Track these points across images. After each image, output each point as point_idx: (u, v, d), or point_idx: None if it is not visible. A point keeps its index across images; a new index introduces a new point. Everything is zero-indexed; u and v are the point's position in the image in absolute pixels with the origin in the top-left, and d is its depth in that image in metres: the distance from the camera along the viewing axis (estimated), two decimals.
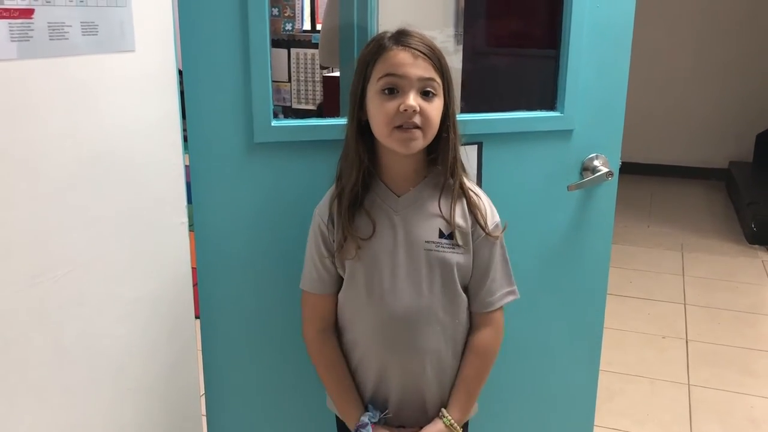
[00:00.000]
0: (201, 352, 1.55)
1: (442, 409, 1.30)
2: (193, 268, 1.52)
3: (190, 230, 1.49)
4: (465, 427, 1.41)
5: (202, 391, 1.59)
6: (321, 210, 1.31)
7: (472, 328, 1.33)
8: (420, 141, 1.20)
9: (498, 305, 1.32)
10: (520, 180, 1.58)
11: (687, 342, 3.07)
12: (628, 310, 3.37)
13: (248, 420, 1.61)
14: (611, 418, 2.47)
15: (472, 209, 1.27)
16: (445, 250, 1.25)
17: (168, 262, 1.46)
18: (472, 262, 1.29)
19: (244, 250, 1.49)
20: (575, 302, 1.71)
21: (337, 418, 1.42)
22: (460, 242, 1.26)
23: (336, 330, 1.35)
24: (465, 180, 1.28)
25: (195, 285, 1.52)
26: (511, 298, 1.33)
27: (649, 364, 2.88)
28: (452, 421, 1.29)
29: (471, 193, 1.28)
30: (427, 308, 1.26)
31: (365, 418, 1.28)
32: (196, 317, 1.53)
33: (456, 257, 1.26)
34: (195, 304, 1.53)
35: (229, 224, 1.47)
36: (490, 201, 1.33)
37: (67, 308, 1.25)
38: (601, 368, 1.81)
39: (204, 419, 1.62)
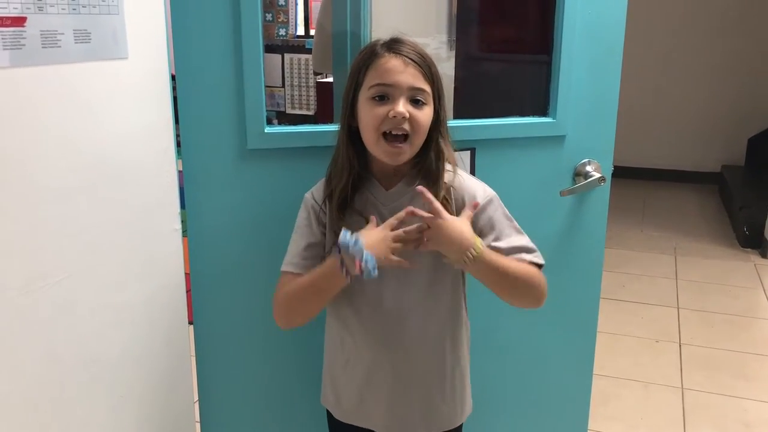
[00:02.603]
0: (195, 357, 1.55)
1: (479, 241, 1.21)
2: (186, 274, 1.51)
3: (183, 236, 1.49)
4: (459, 429, 1.42)
5: (196, 398, 1.58)
6: (316, 194, 1.32)
7: None
8: (407, 153, 1.22)
9: (526, 259, 1.28)
10: (513, 186, 1.58)
11: (680, 346, 3.08)
12: (622, 314, 3.37)
13: (242, 426, 1.60)
14: (605, 422, 2.47)
15: (449, 207, 1.25)
16: None
17: (161, 268, 1.46)
18: None
19: (238, 256, 1.49)
20: (569, 307, 1.71)
21: (329, 419, 1.42)
22: None
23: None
24: (451, 177, 1.28)
25: (188, 291, 1.52)
26: (539, 259, 1.30)
27: (643, 368, 2.89)
28: (481, 246, 1.20)
29: (448, 200, 1.27)
30: (419, 299, 1.27)
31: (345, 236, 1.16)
32: (190, 323, 1.53)
33: None
34: (188, 310, 1.53)
35: (222, 230, 1.47)
36: (473, 185, 1.31)
37: (60, 315, 1.25)
38: (594, 372, 1.82)
39: (198, 426, 1.62)
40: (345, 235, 1.15)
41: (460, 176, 1.30)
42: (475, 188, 1.30)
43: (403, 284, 1.27)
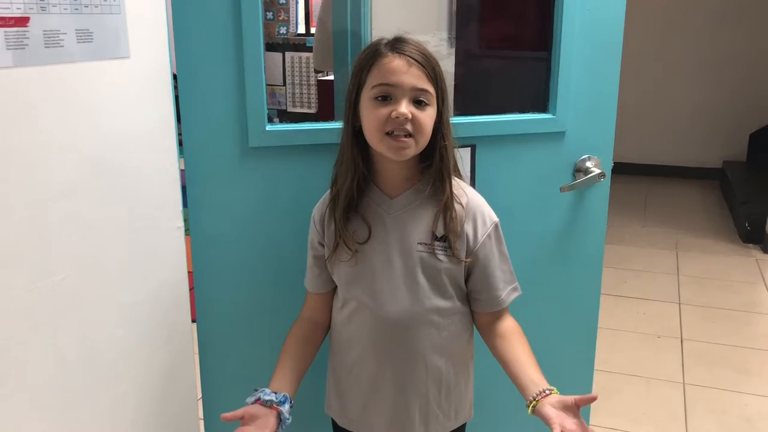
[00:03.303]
0: (198, 355, 1.56)
1: (538, 391, 1.17)
2: (189, 272, 1.52)
3: (186, 234, 1.50)
4: (462, 429, 1.42)
5: (200, 395, 1.59)
6: (316, 210, 1.34)
7: (489, 324, 1.32)
8: (412, 149, 1.20)
9: (507, 302, 1.32)
10: (514, 182, 1.59)
11: (682, 341, 3.09)
12: (624, 310, 3.38)
13: None
14: (607, 417, 2.48)
15: (452, 224, 1.24)
16: (438, 252, 1.26)
17: (164, 266, 1.47)
18: (465, 264, 1.28)
19: (240, 253, 1.50)
20: (569, 303, 1.72)
21: (333, 424, 1.43)
22: (453, 244, 1.26)
23: (321, 327, 1.39)
24: (455, 189, 1.27)
25: (191, 289, 1.53)
26: (515, 294, 1.33)
27: (645, 363, 2.89)
28: (553, 388, 1.19)
29: (455, 206, 1.26)
30: (420, 310, 1.27)
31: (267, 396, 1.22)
32: (193, 321, 1.54)
33: (448, 259, 1.26)
34: (191, 308, 1.54)
35: (224, 228, 1.48)
36: (483, 203, 1.32)
37: (63, 313, 1.26)
38: (596, 368, 1.83)
39: (201, 423, 1.63)
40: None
41: (468, 193, 1.30)
42: (484, 210, 1.30)
43: (410, 296, 1.26)
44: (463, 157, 1.51)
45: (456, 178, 1.30)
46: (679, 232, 4.53)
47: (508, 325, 1.32)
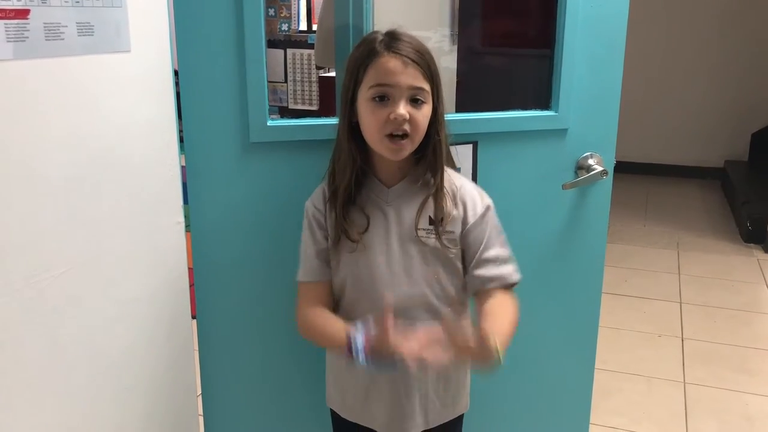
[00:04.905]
0: (198, 351, 1.55)
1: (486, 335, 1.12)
2: (189, 268, 1.52)
3: (186, 230, 1.49)
4: (458, 424, 1.42)
5: (199, 391, 1.59)
6: (314, 200, 1.33)
7: (481, 304, 1.29)
8: (407, 149, 1.23)
9: (496, 281, 1.29)
10: (515, 179, 1.59)
11: (683, 340, 3.08)
12: (624, 309, 3.38)
13: (245, 419, 1.61)
14: (608, 416, 2.48)
15: (443, 211, 1.26)
16: (432, 238, 1.27)
17: (164, 262, 1.46)
18: (461, 248, 1.30)
19: (241, 249, 1.49)
20: (570, 301, 1.72)
21: (333, 416, 1.43)
22: (450, 229, 1.28)
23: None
24: (446, 179, 1.29)
25: (191, 285, 1.52)
26: (515, 276, 1.30)
27: (646, 362, 2.89)
28: (497, 345, 1.14)
29: (446, 196, 1.28)
30: (419, 296, 1.28)
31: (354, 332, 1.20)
32: (193, 317, 1.54)
33: (443, 244, 1.27)
34: (191, 304, 1.54)
35: (225, 224, 1.48)
36: (474, 189, 1.33)
37: (63, 308, 1.25)
38: (597, 367, 1.82)
39: (201, 419, 1.62)
40: (354, 331, 1.20)
41: (460, 181, 1.32)
42: (475, 195, 1.32)
43: (409, 286, 1.27)
44: (465, 153, 1.51)
45: (449, 169, 1.32)
46: (680, 232, 4.53)
47: (496, 297, 1.28)
